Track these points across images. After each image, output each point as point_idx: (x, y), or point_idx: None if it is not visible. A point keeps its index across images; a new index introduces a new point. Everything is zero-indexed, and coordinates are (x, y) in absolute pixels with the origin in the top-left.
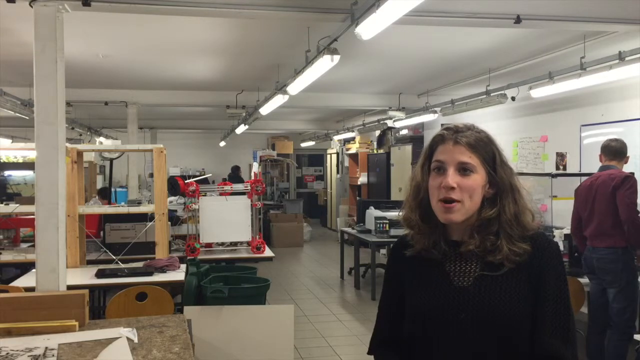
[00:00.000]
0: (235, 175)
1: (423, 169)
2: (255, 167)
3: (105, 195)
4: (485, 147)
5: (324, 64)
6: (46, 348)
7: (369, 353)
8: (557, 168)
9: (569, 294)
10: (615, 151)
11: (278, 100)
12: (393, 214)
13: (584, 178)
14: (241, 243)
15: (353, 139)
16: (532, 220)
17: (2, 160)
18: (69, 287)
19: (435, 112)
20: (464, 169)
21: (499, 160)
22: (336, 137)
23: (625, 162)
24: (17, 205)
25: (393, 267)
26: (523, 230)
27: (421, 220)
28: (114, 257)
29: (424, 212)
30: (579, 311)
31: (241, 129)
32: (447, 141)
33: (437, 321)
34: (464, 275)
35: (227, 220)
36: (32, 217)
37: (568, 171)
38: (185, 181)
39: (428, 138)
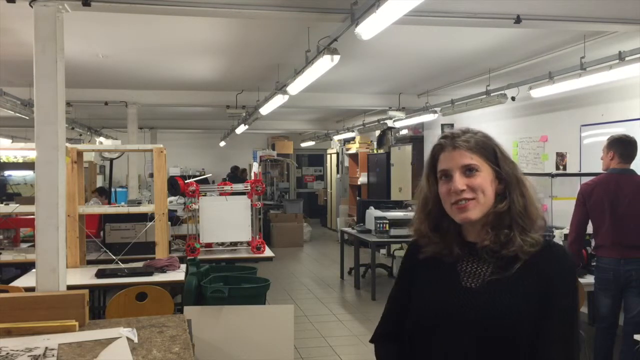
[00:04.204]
0: (234, 175)
1: (429, 180)
2: (255, 167)
3: (102, 192)
4: (484, 145)
5: (324, 64)
6: (46, 348)
7: (371, 340)
8: (557, 168)
9: (578, 308)
10: (631, 156)
11: (278, 100)
12: (393, 214)
13: (584, 178)
14: (241, 243)
15: (353, 139)
16: (538, 211)
17: (2, 160)
18: (69, 287)
19: (435, 112)
20: (469, 170)
21: (500, 155)
22: (336, 137)
23: None
24: (17, 205)
25: (405, 265)
26: (531, 221)
27: (430, 230)
28: (114, 257)
29: (432, 223)
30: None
31: (241, 129)
32: (446, 148)
33: (440, 320)
34: (474, 276)
35: (227, 220)
36: (32, 217)
37: (568, 171)
38: (185, 181)
39: (428, 138)
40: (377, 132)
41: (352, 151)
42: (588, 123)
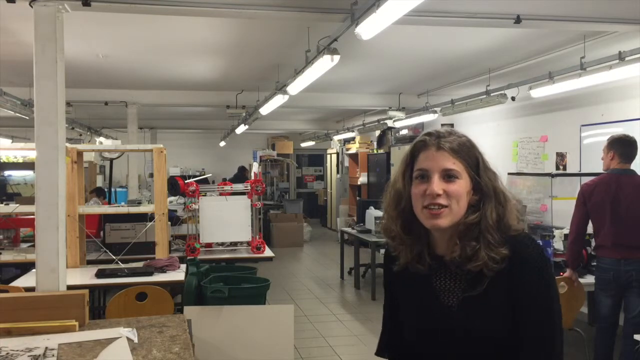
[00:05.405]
0: (241, 175)
1: (404, 177)
2: (256, 167)
3: (99, 193)
4: (468, 152)
5: (324, 64)
6: (46, 348)
7: (376, 354)
8: (557, 168)
9: (554, 304)
10: (632, 157)
11: (278, 100)
12: None
13: (584, 178)
14: (241, 243)
15: (353, 139)
16: (517, 224)
17: (2, 160)
18: (69, 287)
19: (435, 112)
20: (448, 176)
21: (482, 165)
22: (336, 137)
23: None
24: (17, 205)
25: (386, 278)
26: (506, 233)
27: (402, 231)
28: (114, 257)
29: (405, 223)
30: (578, 311)
31: (241, 129)
32: (429, 147)
33: (427, 343)
34: (449, 293)
35: (227, 220)
36: (32, 217)
37: (568, 171)
38: (185, 181)
39: None
40: (377, 132)
41: (352, 151)
42: (588, 123)
